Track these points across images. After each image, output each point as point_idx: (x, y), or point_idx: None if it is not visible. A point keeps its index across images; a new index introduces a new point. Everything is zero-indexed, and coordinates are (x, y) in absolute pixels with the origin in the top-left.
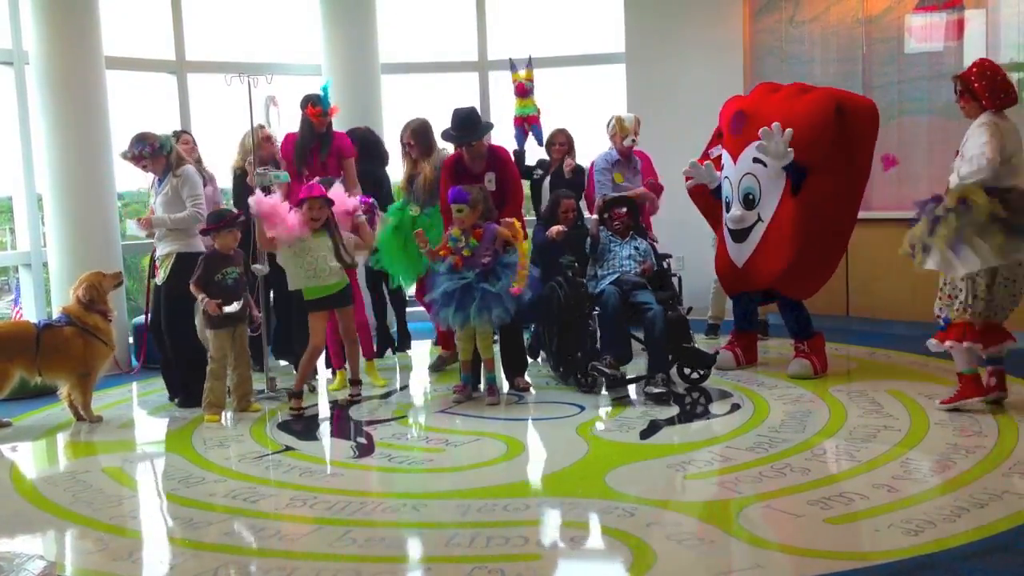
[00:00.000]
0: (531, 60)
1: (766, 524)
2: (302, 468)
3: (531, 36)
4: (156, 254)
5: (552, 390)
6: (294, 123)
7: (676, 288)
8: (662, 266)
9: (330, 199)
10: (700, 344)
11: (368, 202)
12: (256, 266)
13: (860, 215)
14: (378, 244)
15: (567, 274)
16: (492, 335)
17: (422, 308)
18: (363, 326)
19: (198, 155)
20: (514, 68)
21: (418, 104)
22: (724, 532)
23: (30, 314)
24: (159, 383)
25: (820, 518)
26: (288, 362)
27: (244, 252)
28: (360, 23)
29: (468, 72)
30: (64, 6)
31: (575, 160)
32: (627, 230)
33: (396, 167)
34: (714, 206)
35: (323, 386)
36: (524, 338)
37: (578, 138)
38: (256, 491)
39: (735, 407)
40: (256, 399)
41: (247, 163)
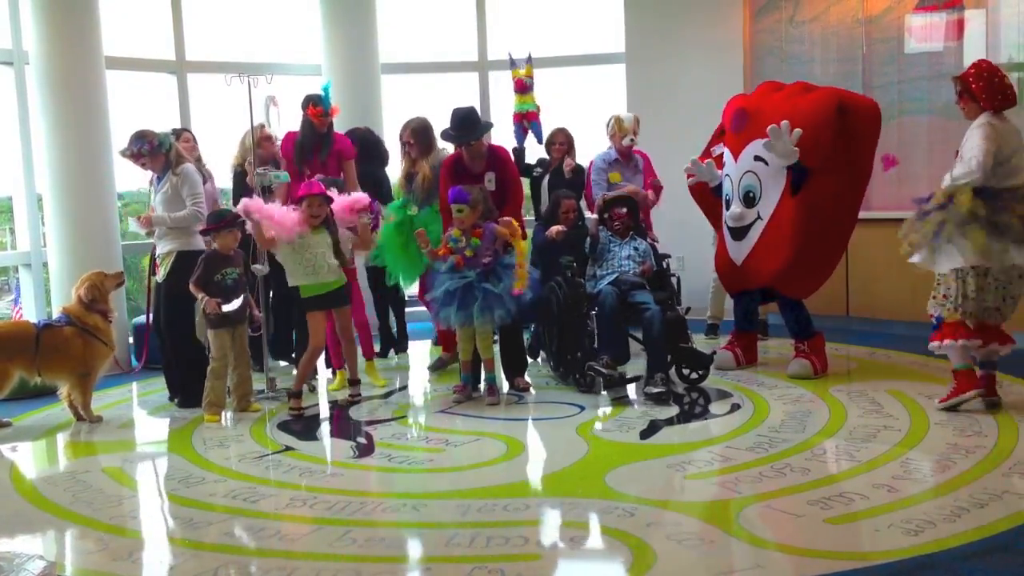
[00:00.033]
0: (530, 57)
1: (766, 524)
2: (302, 468)
3: (531, 36)
4: (156, 252)
5: (552, 390)
6: (294, 123)
7: (675, 288)
8: (661, 266)
9: (330, 196)
10: (699, 344)
11: (375, 208)
12: (256, 266)
13: (860, 215)
14: (379, 240)
15: (566, 274)
16: (492, 335)
17: (421, 308)
18: (363, 326)
19: (198, 154)
20: (513, 64)
21: (418, 104)
22: (724, 532)
23: (30, 314)
24: (159, 383)
25: (820, 518)
26: (287, 362)
27: (244, 252)
28: (360, 23)
29: (468, 72)
30: (64, 6)
31: (575, 160)
32: (627, 230)
33: (396, 167)
34: (714, 204)
35: (323, 386)
36: (524, 338)
37: (578, 138)
38: (256, 491)
39: (735, 407)
40: (256, 399)
41: (247, 163)
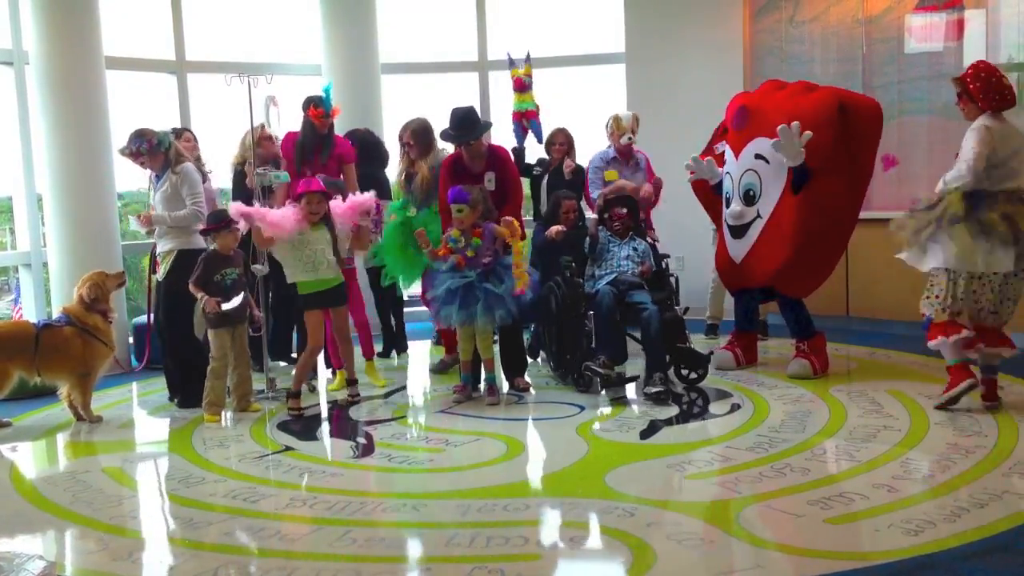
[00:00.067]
0: (529, 55)
1: (766, 524)
2: (302, 468)
3: (531, 36)
4: (157, 250)
5: (552, 390)
6: (294, 123)
7: (673, 288)
8: (660, 266)
9: (329, 194)
10: (698, 345)
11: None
12: (256, 266)
13: (860, 215)
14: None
15: (565, 274)
16: (492, 335)
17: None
18: (363, 326)
19: (198, 153)
20: (512, 64)
21: (418, 104)
22: (724, 532)
23: (30, 314)
24: (159, 383)
25: (820, 518)
26: (287, 363)
27: (244, 252)
28: (360, 23)
29: (468, 72)
30: (64, 6)
31: (575, 161)
32: (626, 231)
33: (395, 167)
34: (716, 201)
35: (323, 386)
36: (524, 338)
37: (578, 138)
38: (256, 491)
39: (735, 407)
40: (256, 399)
41: (247, 164)
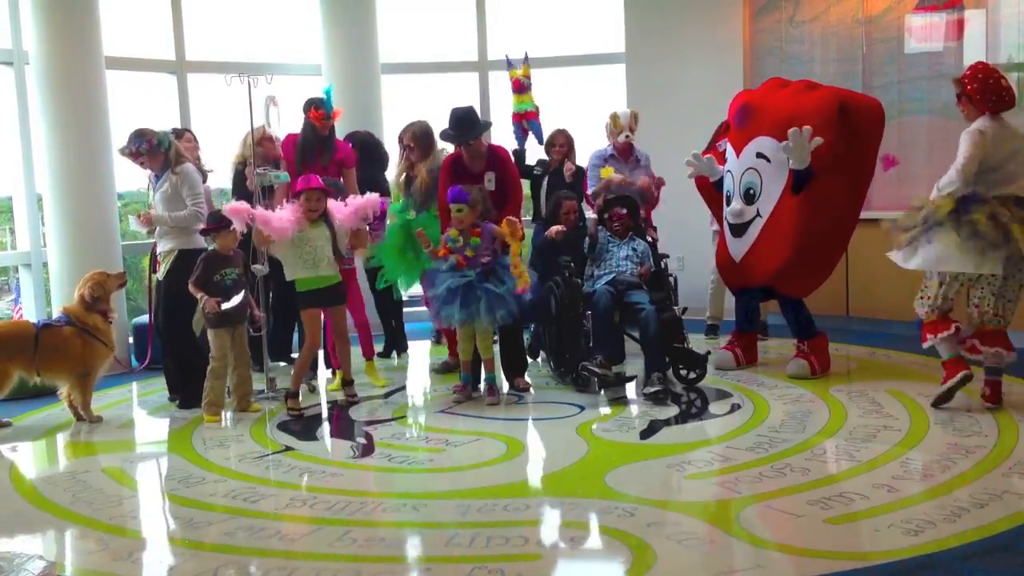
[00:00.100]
0: (527, 56)
1: (766, 524)
2: (302, 468)
3: (531, 36)
4: (157, 250)
5: (552, 390)
6: (294, 123)
7: (672, 288)
8: (659, 266)
9: (328, 191)
10: (698, 345)
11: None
12: (256, 266)
13: (860, 215)
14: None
15: (564, 274)
16: (492, 335)
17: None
18: (364, 326)
19: (198, 153)
20: (510, 65)
21: (418, 104)
22: (724, 532)
23: (30, 314)
24: (159, 383)
25: (820, 518)
26: (287, 363)
27: (244, 252)
28: (360, 23)
29: (468, 72)
30: (64, 6)
31: (575, 163)
32: (626, 231)
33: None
34: (718, 197)
35: (323, 386)
36: (524, 338)
37: (578, 138)
38: (256, 491)
39: (735, 407)
40: (256, 399)
41: (248, 163)
